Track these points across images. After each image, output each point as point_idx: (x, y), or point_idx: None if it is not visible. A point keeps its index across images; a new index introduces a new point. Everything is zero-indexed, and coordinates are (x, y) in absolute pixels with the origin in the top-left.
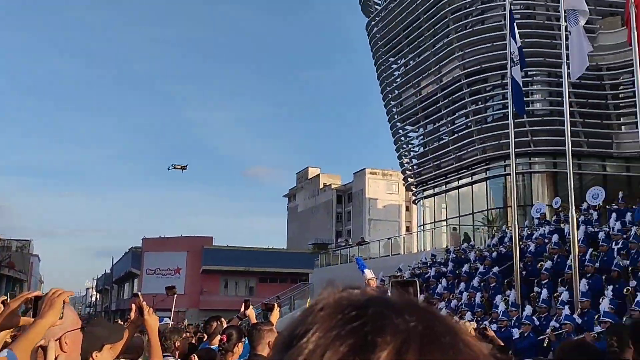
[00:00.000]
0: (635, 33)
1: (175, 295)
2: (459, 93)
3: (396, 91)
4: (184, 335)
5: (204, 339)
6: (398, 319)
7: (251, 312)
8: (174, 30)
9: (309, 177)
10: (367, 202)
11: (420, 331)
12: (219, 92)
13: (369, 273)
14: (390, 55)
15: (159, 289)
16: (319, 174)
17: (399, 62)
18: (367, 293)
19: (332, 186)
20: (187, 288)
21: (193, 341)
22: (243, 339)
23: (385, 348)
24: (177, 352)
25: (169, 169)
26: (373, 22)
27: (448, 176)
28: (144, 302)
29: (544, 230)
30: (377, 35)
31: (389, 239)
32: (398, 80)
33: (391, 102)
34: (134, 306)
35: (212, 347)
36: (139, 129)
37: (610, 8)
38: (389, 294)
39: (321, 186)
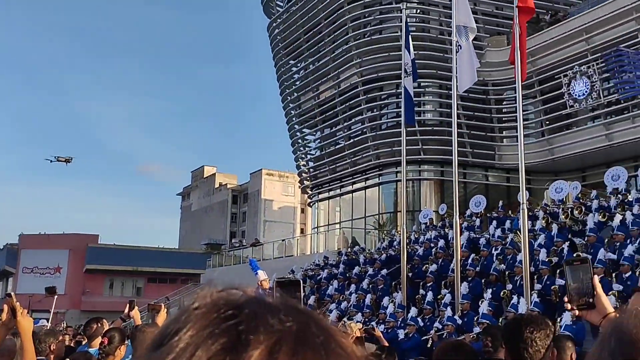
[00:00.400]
0: (518, 52)
1: (55, 296)
2: (356, 99)
3: (295, 94)
4: (61, 337)
5: (83, 342)
6: (273, 319)
7: (136, 314)
8: (66, 18)
9: (205, 176)
10: (262, 203)
11: (294, 331)
12: (112, 85)
13: (261, 274)
14: (291, 58)
15: (37, 288)
16: (215, 173)
17: (298, 65)
18: (245, 293)
19: (228, 186)
20: (68, 288)
21: (71, 344)
22: (126, 342)
23: (258, 347)
24: (52, 356)
25: (51, 162)
26: (275, 24)
27: (343, 180)
28: (18, 303)
29: (431, 235)
30: (278, 37)
31: (282, 240)
32: (297, 83)
33: (290, 105)
34: (5, 307)
35: (91, 350)
36: (17, 118)
37: (497, 27)
38: (276, 294)
39: (217, 185)
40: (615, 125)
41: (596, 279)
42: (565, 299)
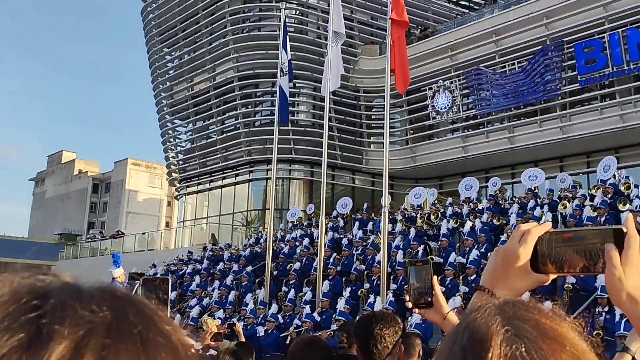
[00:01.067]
0: (389, 62)
1: None
2: (231, 94)
3: (168, 83)
4: None
5: None
6: (83, 310)
7: None
8: None
9: (63, 162)
10: (126, 194)
11: (107, 322)
12: None
13: (117, 272)
14: (165, 46)
15: None
16: (74, 159)
17: (173, 54)
18: (56, 280)
19: (89, 174)
20: None
21: None
22: None
23: (61, 342)
24: None
25: None
26: (149, 8)
27: (213, 175)
28: None
29: (297, 234)
30: (153, 22)
31: (143, 233)
32: (171, 72)
33: (162, 94)
34: None
35: None
36: None
37: (371, 37)
38: (138, 289)
39: (76, 172)
40: (471, 138)
41: (435, 279)
42: (407, 297)
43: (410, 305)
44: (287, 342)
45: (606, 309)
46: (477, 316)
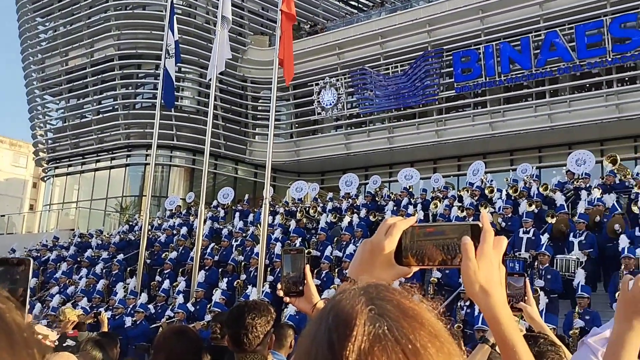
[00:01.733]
0: (277, 53)
1: None
2: (110, 73)
3: (39, 55)
4: None
5: None
6: None
7: None
8: None
9: None
10: None
11: None
12: None
13: None
14: (39, 15)
15: None
16: None
17: (47, 24)
18: None
19: None
20: None
21: None
22: None
23: None
24: None
25: None
26: None
27: (86, 157)
28: None
29: (174, 222)
30: None
31: (2, 215)
32: (43, 44)
33: (32, 67)
34: None
35: None
36: None
37: (261, 27)
38: None
39: None
40: (353, 136)
41: (307, 268)
42: (279, 285)
43: (281, 293)
44: (158, 333)
45: (467, 302)
46: (342, 297)
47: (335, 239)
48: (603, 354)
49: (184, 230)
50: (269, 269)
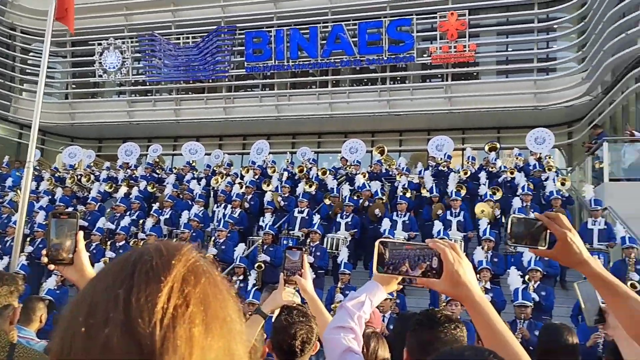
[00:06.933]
0: (55, 3)
1: None
2: None
3: None
4: None
5: None
6: None
7: None
8: None
9: None
10: None
11: None
12: None
13: None
14: None
15: None
16: None
17: None
18: None
19: None
20: None
21: None
22: None
23: None
24: None
25: None
26: None
27: None
28: None
29: None
30: None
31: None
32: None
33: None
34: None
35: None
36: None
37: None
38: None
39: None
40: (137, 104)
41: (80, 235)
42: (44, 252)
43: (45, 260)
44: None
45: (241, 277)
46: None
47: (108, 210)
48: (358, 316)
49: None
50: (28, 238)
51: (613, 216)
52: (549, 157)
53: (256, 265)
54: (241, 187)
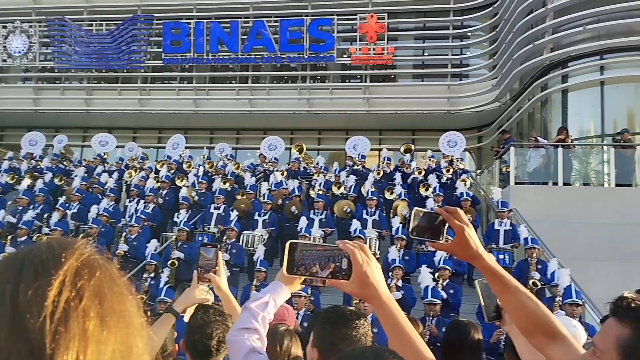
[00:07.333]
0: None
1: None
2: None
3: None
4: None
5: None
6: None
7: None
8: None
9: None
10: None
11: None
12: None
13: None
14: None
15: None
16: None
17: None
18: None
19: None
20: None
21: None
22: None
23: None
24: None
25: None
26: None
27: None
28: None
29: None
30: None
31: None
32: None
33: None
34: None
35: None
36: None
37: None
38: None
39: None
40: (44, 91)
41: None
42: None
43: None
44: None
45: (152, 275)
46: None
47: (9, 202)
48: (262, 317)
49: None
50: None
51: (518, 218)
52: (459, 160)
53: (169, 262)
54: (156, 182)
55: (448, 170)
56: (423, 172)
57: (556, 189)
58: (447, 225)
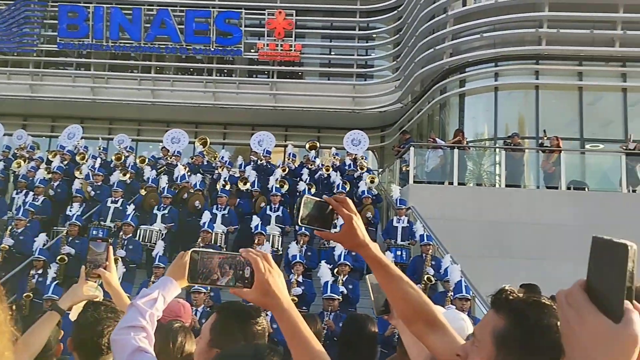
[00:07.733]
0: None
1: None
2: None
3: None
4: None
5: None
6: None
7: None
8: None
9: None
10: None
11: None
12: None
13: None
14: None
15: None
16: None
17: None
18: None
19: None
20: None
21: None
22: None
23: None
24: None
25: None
26: None
27: None
28: None
29: None
30: None
31: None
32: None
33: None
34: None
35: None
36: None
37: None
38: None
39: None
40: None
41: None
42: None
43: None
44: None
45: (40, 271)
46: None
47: None
48: (150, 314)
49: None
50: None
51: (415, 215)
52: (363, 159)
53: (58, 257)
54: (47, 173)
55: (362, 168)
56: (330, 169)
57: (451, 188)
58: (336, 214)
